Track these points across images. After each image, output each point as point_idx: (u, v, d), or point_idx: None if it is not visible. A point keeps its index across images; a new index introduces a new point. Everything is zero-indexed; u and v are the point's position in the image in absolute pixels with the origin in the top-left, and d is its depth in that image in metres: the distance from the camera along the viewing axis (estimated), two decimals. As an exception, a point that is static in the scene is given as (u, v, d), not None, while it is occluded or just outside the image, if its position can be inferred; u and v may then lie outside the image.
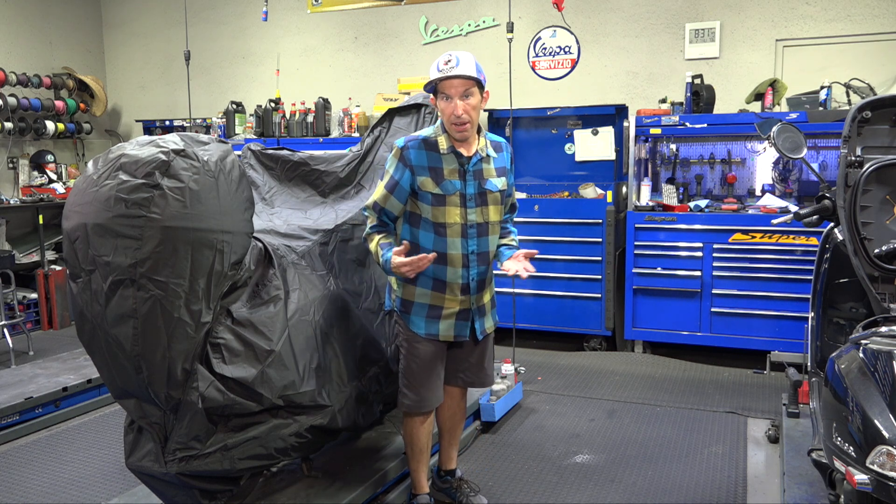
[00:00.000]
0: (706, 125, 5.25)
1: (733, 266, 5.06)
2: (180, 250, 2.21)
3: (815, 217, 3.22)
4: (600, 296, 5.45)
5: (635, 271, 5.32)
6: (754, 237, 5.00)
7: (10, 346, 5.32)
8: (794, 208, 4.49)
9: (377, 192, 2.79)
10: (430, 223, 2.74)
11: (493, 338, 3.07)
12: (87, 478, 3.53)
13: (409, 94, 6.09)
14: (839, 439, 2.15)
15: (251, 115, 6.94)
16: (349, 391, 2.88)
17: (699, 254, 5.14)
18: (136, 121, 8.01)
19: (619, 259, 5.50)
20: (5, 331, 5.40)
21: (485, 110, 4.70)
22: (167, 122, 7.60)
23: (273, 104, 6.80)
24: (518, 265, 2.67)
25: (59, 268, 6.53)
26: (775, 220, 3.64)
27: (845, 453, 2.10)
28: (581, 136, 5.96)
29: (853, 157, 2.92)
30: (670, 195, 5.52)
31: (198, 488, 2.56)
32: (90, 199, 2.19)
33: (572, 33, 6.27)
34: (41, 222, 6.48)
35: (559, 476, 3.46)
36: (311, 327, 2.72)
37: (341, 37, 7.24)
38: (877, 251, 2.75)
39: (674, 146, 5.69)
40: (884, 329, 2.35)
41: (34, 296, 6.44)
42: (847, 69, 5.36)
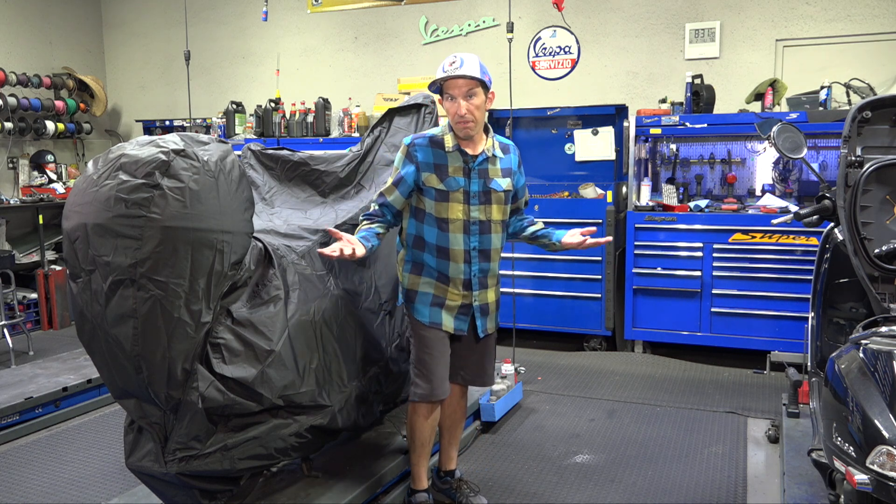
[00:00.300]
0: (706, 125, 5.25)
1: (733, 266, 5.06)
2: (180, 250, 2.21)
3: (815, 217, 3.22)
4: (600, 296, 5.45)
5: (635, 271, 5.32)
6: (754, 237, 5.00)
7: (10, 346, 5.32)
8: (794, 208, 4.49)
9: (386, 184, 2.90)
10: (434, 218, 2.83)
11: (495, 338, 3.10)
12: (87, 478, 3.53)
13: (409, 94, 6.09)
14: (839, 439, 2.15)
15: (251, 115, 6.93)
16: (349, 391, 2.88)
17: (699, 254, 5.14)
18: (136, 121, 8.01)
19: (619, 259, 5.51)
20: (5, 331, 5.40)
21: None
22: (167, 122, 7.59)
23: (273, 104, 6.80)
24: (578, 237, 2.91)
25: (59, 268, 6.53)
26: (775, 220, 3.63)
27: (845, 453, 2.10)
28: (581, 136, 5.96)
29: (853, 157, 2.92)
30: (670, 195, 5.52)
31: (198, 488, 2.56)
32: (90, 199, 2.19)
33: (572, 33, 6.27)
34: (41, 222, 6.48)
35: (559, 476, 3.46)
36: (311, 327, 2.72)
37: (341, 37, 7.24)
38: (877, 251, 2.75)
39: (674, 146, 5.69)
40: (884, 329, 2.35)
41: (34, 296, 6.44)
42: (847, 69, 5.36)
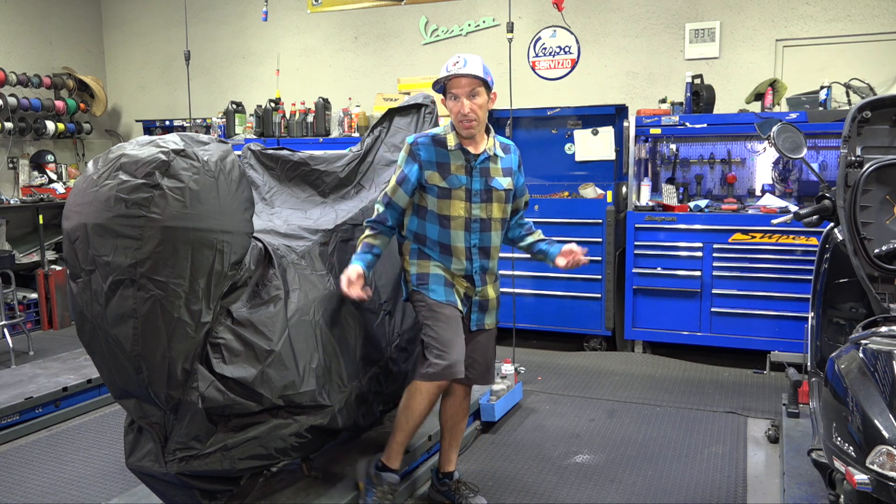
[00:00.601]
0: (706, 125, 5.25)
1: (733, 266, 5.06)
2: (180, 250, 2.21)
3: (815, 217, 3.22)
4: (600, 296, 5.45)
5: (635, 271, 5.32)
6: (754, 237, 5.00)
7: (10, 346, 5.32)
8: (794, 208, 4.49)
9: (389, 184, 2.93)
10: (436, 215, 2.87)
11: (495, 335, 3.12)
12: (87, 478, 3.53)
13: (409, 94, 6.08)
14: (839, 439, 2.15)
15: (251, 115, 6.93)
16: (349, 391, 2.88)
17: (699, 254, 5.14)
18: (136, 121, 8.01)
19: (619, 259, 5.50)
20: (5, 331, 5.40)
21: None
22: (167, 122, 7.59)
23: (273, 104, 6.80)
24: (570, 257, 3.00)
25: (59, 268, 6.53)
26: (775, 220, 3.63)
27: (845, 453, 2.10)
28: (581, 136, 5.96)
29: (853, 157, 2.92)
30: (670, 195, 5.52)
31: (198, 488, 2.56)
32: (90, 199, 2.19)
33: (572, 33, 6.27)
34: (41, 222, 6.47)
35: (559, 476, 3.46)
36: (311, 327, 2.72)
37: (341, 37, 7.24)
38: (877, 251, 2.75)
39: (674, 146, 5.69)
40: (884, 329, 2.35)
41: (34, 296, 6.44)
42: (847, 69, 5.36)
